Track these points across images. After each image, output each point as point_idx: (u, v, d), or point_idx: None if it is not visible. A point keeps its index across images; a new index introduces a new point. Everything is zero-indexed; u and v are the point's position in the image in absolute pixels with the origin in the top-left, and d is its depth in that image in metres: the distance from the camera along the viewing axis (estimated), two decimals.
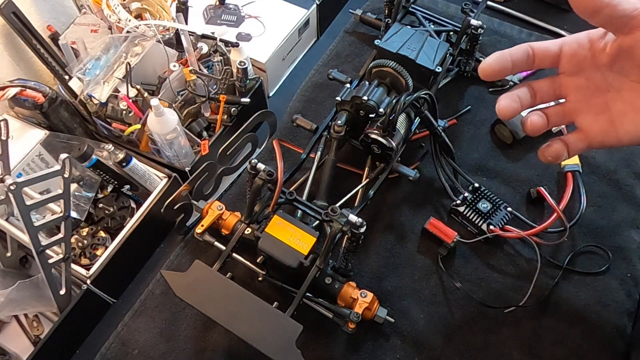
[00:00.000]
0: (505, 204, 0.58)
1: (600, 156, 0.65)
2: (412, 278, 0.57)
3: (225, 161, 0.61)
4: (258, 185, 0.49)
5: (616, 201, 0.62)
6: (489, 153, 0.66)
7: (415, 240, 0.59)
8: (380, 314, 0.51)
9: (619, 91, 0.38)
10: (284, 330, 0.43)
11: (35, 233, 0.50)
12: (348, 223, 0.47)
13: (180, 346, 0.54)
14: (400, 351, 0.53)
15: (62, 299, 0.55)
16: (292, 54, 0.80)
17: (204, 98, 0.67)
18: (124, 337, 0.55)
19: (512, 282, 0.56)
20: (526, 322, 0.54)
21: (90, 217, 0.63)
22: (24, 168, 0.62)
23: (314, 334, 0.53)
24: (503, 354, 0.53)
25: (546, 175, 0.64)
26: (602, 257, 0.58)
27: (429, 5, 0.79)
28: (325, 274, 0.51)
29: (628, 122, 0.38)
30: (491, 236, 0.56)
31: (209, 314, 0.44)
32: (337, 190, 0.59)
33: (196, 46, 0.70)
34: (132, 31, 0.65)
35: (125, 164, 0.60)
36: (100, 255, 0.58)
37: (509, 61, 0.40)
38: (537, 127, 0.42)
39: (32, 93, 0.61)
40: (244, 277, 0.56)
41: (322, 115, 0.68)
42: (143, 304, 0.57)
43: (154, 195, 0.61)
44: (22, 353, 0.59)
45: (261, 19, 0.79)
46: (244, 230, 0.52)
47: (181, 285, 0.45)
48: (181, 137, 0.63)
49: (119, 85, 0.66)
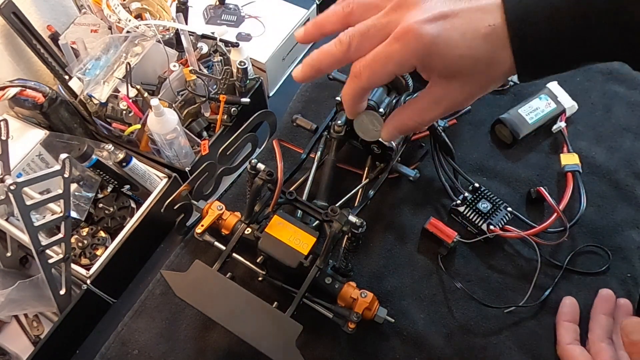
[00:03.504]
0: (505, 204, 0.58)
1: (600, 156, 0.65)
2: (412, 278, 0.57)
3: (225, 161, 0.61)
4: (258, 185, 0.49)
5: (616, 201, 0.62)
6: (489, 153, 0.66)
7: (415, 240, 0.59)
8: (380, 314, 0.51)
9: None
10: (284, 330, 0.43)
11: (35, 233, 0.50)
12: (348, 223, 0.47)
13: (180, 346, 0.54)
14: (400, 351, 0.53)
15: (62, 299, 0.55)
16: (292, 54, 0.80)
17: (204, 98, 0.67)
18: (124, 337, 0.55)
19: (512, 282, 0.56)
20: (526, 322, 0.54)
21: (90, 217, 0.63)
22: (24, 168, 0.62)
23: (314, 334, 0.53)
24: (503, 354, 0.53)
25: (546, 175, 0.64)
26: (602, 257, 0.58)
27: None
28: (325, 274, 0.51)
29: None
30: (491, 236, 0.56)
31: (209, 314, 0.44)
32: (337, 190, 0.59)
33: (196, 46, 0.70)
34: (132, 31, 0.65)
35: (125, 164, 0.60)
36: (100, 255, 0.58)
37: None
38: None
39: (32, 93, 0.61)
40: (244, 277, 0.56)
41: (322, 115, 0.68)
42: (143, 304, 0.57)
43: (154, 195, 0.61)
44: (22, 353, 0.59)
45: (261, 19, 0.79)
46: (244, 230, 0.52)
47: (181, 285, 0.45)
48: (181, 137, 0.63)
49: (119, 85, 0.66)
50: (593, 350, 0.50)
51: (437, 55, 0.34)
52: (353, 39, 0.36)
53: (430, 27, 0.33)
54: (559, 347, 0.52)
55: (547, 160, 0.65)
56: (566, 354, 0.51)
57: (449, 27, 0.33)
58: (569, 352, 0.50)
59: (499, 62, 0.34)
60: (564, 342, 0.51)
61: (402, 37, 0.34)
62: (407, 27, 0.33)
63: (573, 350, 0.50)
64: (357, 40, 0.36)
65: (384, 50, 0.35)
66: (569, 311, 0.53)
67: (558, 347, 0.52)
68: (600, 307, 0.53)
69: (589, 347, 0.51)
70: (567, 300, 0.54)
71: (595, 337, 0.51)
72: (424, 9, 0.34)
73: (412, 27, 0.33)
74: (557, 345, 0.52)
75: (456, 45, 0.33)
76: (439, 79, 0.37)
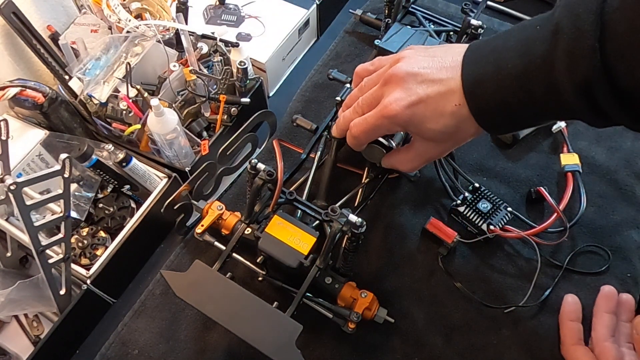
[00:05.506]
0: (505, 204, 0.58)
1: (600, 156, 0.65)
2: (412, 278, 0.57)
3: (225, 161, 0.61)
4: (258, 185, 0.49)
5: (616, 201, 0.62)
6: (489, 153, 0.66)
7: (415, 240, 0.59)
8: (380, 314, 0.51)
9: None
10: (284, 330, 0.43)
11: (35, 233, 0.50)
12: (348, 223, 0.47)
13: (180, 346, 0.54)
14: (400, 351, 0.53)
15: (62, 299, 0.55)
16: (292, 54, 0.80)
17: (204, 98, 0.67)
18: (124, 337, 0.55)
19: (512, 282, 0.56)
20: (526, 322, 0.54)
21: (90, 217, 0.63)
22: (24, 168, 0.62)
23: (314, 334, 0.53)
24: (503, 354, 0.53)
25: (546, 175, 0.64)
26: (602, 257, 0.58)
27: (429, 5, 0.79)
28: (325, 274, 0.51)
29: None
30: (491, 236, 0.56)
31: (209, 314, 0.44)
32: (337, 190, 0.59)
33: (196, 46, 0.70)
34: (132, 31, 0.65)
35: (125, 164, 0.60)
36: (100, 255, 0.58)
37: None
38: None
39: (32, 93, 0.61)
40: (244, 277, 0.56)
41: (322, 115, 0.68)
42: (143, 304, 0.57)
43: (154, 195, 0.61)
44: (22, 353, 0.59)
45: (261, 19, 0.79)
46: (244, 230, 0.52)
47: (181, 285, 0.45)
48: (181, 137, 0.63)
49: (119, 85, 0.66)
50: (597, 349, 0.50)
51: (414, 126, 0.44)
52: (363, 108, 0.48)
53: (408, 110, 0.43)
54: (564, 348, 0.51)
55: (547, 160, 0.65)
56: (571, 354, 0.50)
57: (422, 107, 0.43)
58: (573, 352, 0.50)
59: (465, 130, 0.43)
60: (568, 343, 0.51)
61: (385, 115, 0.44)
62: (390, 108, 0.43)
63: (578, 351, 0.50)
64: (366, 109, 0.48)
65: (374, 122, 0.46)
66: (573, 310, 0.53)
67: (562, 348, 0.52)
68: (602, 305, 0.53)
69: (592, 346, 0.51)
70: (569, 299, 0.54)
71: (599, 336, 0.50)
72: (405, 90, 0.43)
73: (394, 109, 0.43)
74: (562, 346, 0.52)
75: (428, 120, 0.43)
76: (419, 138, 0.47)
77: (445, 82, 0.42)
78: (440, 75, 0.42)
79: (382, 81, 0.45)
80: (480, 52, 0.41)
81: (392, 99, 0.43)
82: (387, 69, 0.46)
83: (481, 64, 0.40)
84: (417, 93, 0.43)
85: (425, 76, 0.43)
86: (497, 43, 0.40)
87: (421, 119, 0.43)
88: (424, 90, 0.42)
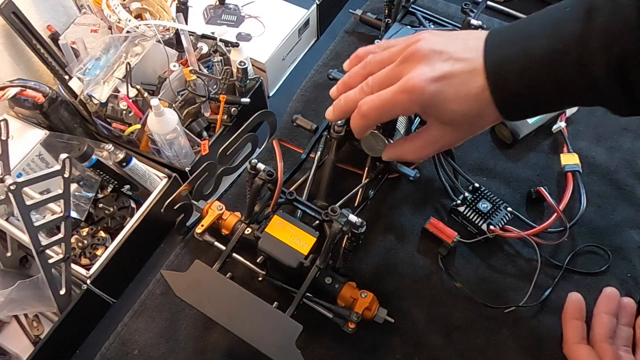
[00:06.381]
0: (505, 204, 0.58)
1: (600, 156, 0.65)
2: (412, 278, 0.57)
3: (225, 161, 0.61)
4: (258, 185, 0.49)
5: (616, 201, 0.62)
6: (489, 153, 0.66)
7: (415, 240, 0.59)
8: (380, 314, 0.51)
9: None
10: (284, 330, 0.43)
11: (35, 233, 0.50)
12: (348, 223, 0.47)
13: (180, 346, 0.54)
14: (400, 351, 0.53)
15: (62, 299, 0.55)
16: (292, 54, 0.80)
17: (204, 98, 0.67)
18: (124, 337, 0.55)
19: (512, 282, 0.56)
20: (526, 322, 0.54)
21: (90, 217, 0.63)
22: (24, 168, 0.62)
23: (314, 334, 0.53)
24: (503, 354, 0.53)
25: (546, 175, 0.64)
26: (602, 257, 0.58)
27: (429, 5, 0.79)
28: (325, 274, 0.51)
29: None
30: (491, 236, 0.56)
31: (209, 314, 0.44)
32: (337, 190, 0.59)
33: (196, 46, 0.70)
34: (132, 31, 0.65)
35: (125, 164, 0.60)
36: (100, 255, 0.58)
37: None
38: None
39: (32, 93, 0.61)
40: (244, 277, 0.56)
41: (322, 115, 0.68)
42: (143, 304, 0.57)
43: (154, 195, 0.61)
44: (22, 353, 0.59)
45: (261, 19, 0.79)
46: (244, 230, 0.52)
47: (181, 285, 0.45)
48: (181, 137, 0.63)
49: (119, 85, 0.66)
50: (595, 350, 0.50)
51: (435, 107, 0.40)
52: (374, 87, 0.43)
53: (433, 85, 0.39)
54: (566, 346, 0.51)
55: (547, 160, 0.65)
56: (573, 353, 0.50)
57: (447, 85, 0.39)
58: (576, 351, 0.50)
59: (486, 116, 0.40)
60: (571, 342, 0.51)
61: (408, 90, 0.39)
62: (414, 82, 0.39)
63: (581, 350, 0.50)
64: (376, 89, 0.42)
65: (391, 98, 0.41)
66: (576, 308, 0.53)
67: (565, 346, 0.51)
68: (603, 306, 0.53)
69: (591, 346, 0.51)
70: (573, 297, 0.54)
71: (598, 337, 0.50)
72: (429, 66, 0.39)
73: (418, 83, 0.39)
74: (564, 344, 0.52)
75: (451, 101, 0.39)
76: (436, 122, 0.43)
77: (471, 61, 0.39)
78: (466, 55, 0.39)
79: (400, 59, 0.41)
80: (503, 36, 0.39)
81: (415, 73, 0.40)
82: (403, 48, 0.42)
83: (505, 47, 0.38)
84: (442, 69, 0.39)
85: (451, 54, 0.40)
86: (521, 26, 0.38)
87: (445, 97, 0.39)
88: (450, 67, 0.39)
